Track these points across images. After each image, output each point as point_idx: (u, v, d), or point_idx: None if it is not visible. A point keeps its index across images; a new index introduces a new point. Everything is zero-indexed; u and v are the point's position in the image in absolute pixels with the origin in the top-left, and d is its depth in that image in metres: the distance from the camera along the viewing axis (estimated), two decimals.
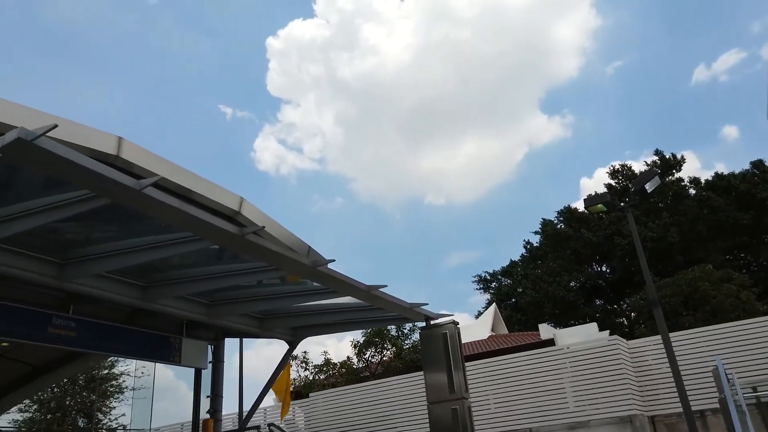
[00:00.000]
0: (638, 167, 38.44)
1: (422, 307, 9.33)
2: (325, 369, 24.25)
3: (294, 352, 12.15)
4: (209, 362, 10.87)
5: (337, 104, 77.02)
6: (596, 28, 73.70)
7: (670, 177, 36.60)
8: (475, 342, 25.83)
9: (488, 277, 44.47)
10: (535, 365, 14.53)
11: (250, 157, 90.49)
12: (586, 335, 18.91)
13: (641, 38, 74.17)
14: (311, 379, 24.57)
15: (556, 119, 76.36)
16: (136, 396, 21.31)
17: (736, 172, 35.97)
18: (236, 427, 13.02)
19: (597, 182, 54.95)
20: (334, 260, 7.14)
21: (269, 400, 18.63)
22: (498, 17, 72.00)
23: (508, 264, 43.56)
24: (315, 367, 24.43)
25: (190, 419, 11.15)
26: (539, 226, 41.14)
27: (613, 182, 38.80)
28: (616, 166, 39.23)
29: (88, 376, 23.10)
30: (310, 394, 18.64)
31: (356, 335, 26.15)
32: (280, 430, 14.62)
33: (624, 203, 12.20)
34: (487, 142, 74.92)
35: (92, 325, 8.62)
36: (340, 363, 24.31)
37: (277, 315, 10.58)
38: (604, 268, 39.29)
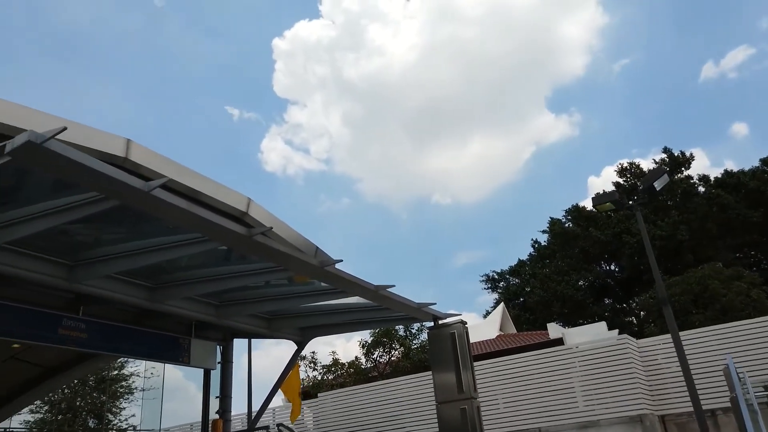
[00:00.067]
0: (647, 165, 38.31)
1: (430, 306, 9.31)
2: (333, 369, 24.26)
3: (302, 353, 12.16)
4: (218, 363, 10.91)
5: (344, 105, 77.17)
6: (603, 26, 73.38)
7: (679, 175, 36.39)
8: (483, 342, 25.77)
9: (496, 277, 44.39)
10: (544, 365, 14.47)
11: (257, 158, 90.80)
12: (595, 334, 18.81)
13: (648, 35, 73.80)
14: (320, 379, 24.60)
15: (563, 118, 76.14)
16: (146, 397, 21.43)
17: (746, 169, 35.75)
18: (245, 428, 13.06)
19: (605, 181, 54.58)
20: (341, 260, 7.14)
21: (278, 400, 18.69)
22: (504, 16, 71.88)
23: (516, 263, 43.46)
24: (323, 367, 24.44)
25: (200, 420, 11.20)
26: (547, 225, 41.02)
27: (621, 180, 38.62)
28: (624, 165, 39.07)
29: (98, 377, 23.25)
30: (318, 395, 18.67)
31: (364, 335, 26.17)
32: (289, 430, 14.65)
33: (632, 201, 12.13)
34: (493, 142, 74.81)
35: (102, 327, 8.67)
36: (349, 363, 24.31)
37: (286, 315, 10.60)
38: (612, 267, 39.12)
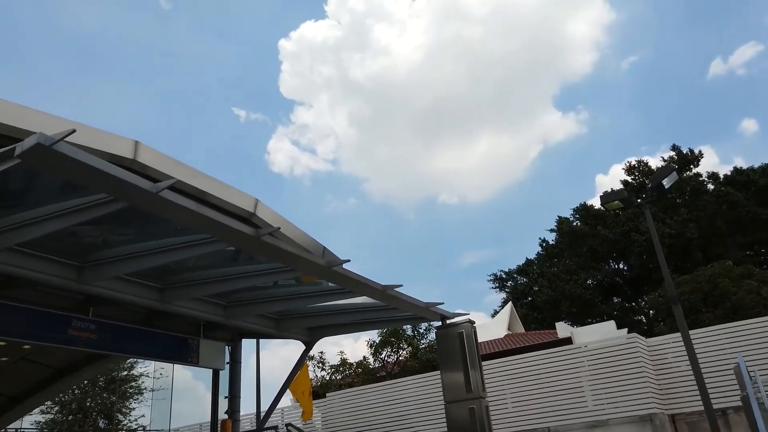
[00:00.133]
0: (655, 163, 38.07)
1: (438, 306, 9.30)
2: (341, 369, 24.28)
3: (310, 353, 12.18)
4: (226, 363, 10.95)
5: (350, 105, 77.22)
6: (610, 23, 73.00)
7: (688, 172, 36.14)
8: (491, 341, 25.71)
9: (504, 276, 44.27)
10: (553, 364, 14.42)
11: (264, 159, 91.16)
12: (604, 333, 18.71)
13: (656, 32, 73.35)
14: (328, 379, 24.63)
15: (570, 116, 75.86)
16: (155, 397, 21.57)
17: (756, 166, 35.44)
18: (254, 428, 13.10)
19: (613, 179, 54.32)
20: (349, 260, 7.15)
21: (286, 400, 18.74)
22: (510, 14, 71.67)
23: (523, 262, 43.35)
24: (331, 367, 24.47)
25: (209, 420, 11.25)
26: (555, 224, 40.85)
27: (629, 178, 38.40)
28: (633, 162, 38.84)
29: (108, 378, 23.40)
30: (327, 394, 18.69)
31: (372, 335, 26.18)
32: (298, 430, 14.68)
33: (641, 199, 12.06)
34: (500, 141, 74.63)
35: (111, 327, 8.73)
36: (357, 363, 24.34)
37: (293, 315, 10.62)
38: (621, 266, 38.90)
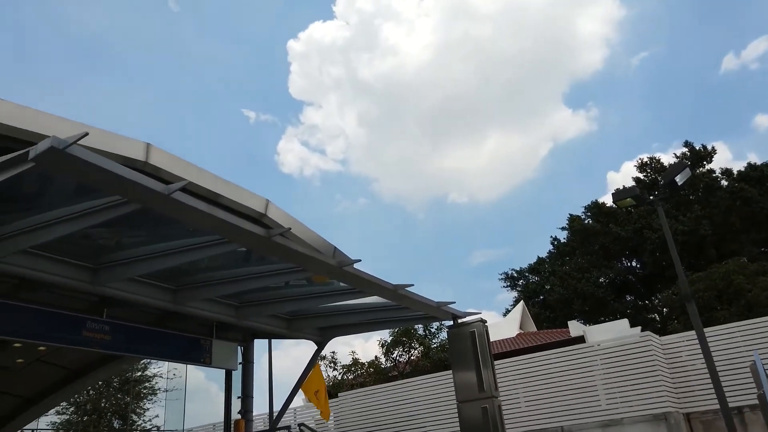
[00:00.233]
0: (667, 160, 37.72)
1: (449, 305, 9.29)
2: (353, 369, 24.31)
3: (322, 353, 12.20)
4: (239, 363, 11.00)
5: (359, 105, 77.31)
6: (621, 19, 72.50)
7: (701, 169, 35.78)
8: (503, 340, 25.61)
9: (515, 275, 44.06)
10: (566, 363, 14.33)
11: (274, 160, 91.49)
12: (617, 332, 18.58)
13: (667, 27, 72.75)
14: (339, 379, 24.67)
15: (581, 113, 75.42)
16: (169, 397, 21.71)
17: None
18: (267, 428, 13.15)
19: (624, 176, 53.93)
20: (360, 260, 7.16)
21: (299, 400, 18.79)
22: (519, 12, 71.38)
23: (535, 261, 43.09)
24: (343, 367, 24.51)
25: (222, 420, 11.31)
26: (566, 222, 40.59)
27: (641, 175, 38.08)
28: (645, 159, 38.51)
29: (122, 379, 23.59)
30: (339, 394, 18.72)
31: (383, 335, 26.19)
32: (311, 430, 14.69)
33: (654, 196, 11.95)
34: (510, 139, 74.36)
35: (125, 329, 8.79)
36: (368, 363, 24.35)
37: (305, 316, 10.64)
38: (634, 263, 38.56)
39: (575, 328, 23.08)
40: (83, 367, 12.17)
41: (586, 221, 39.19)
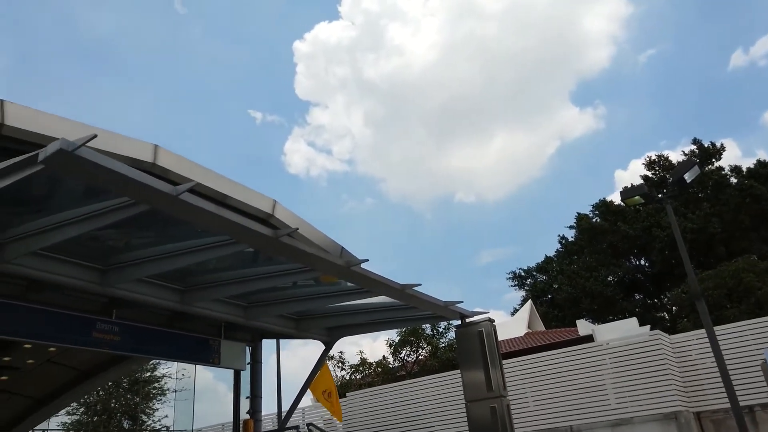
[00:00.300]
0: (675, 157, 37.47)
1: (457, 305, 9.27)
2: (361, 369, 24.32)
3: (330, 352, 12.21)
4: (247, 363, 11.03)
5: (365, 105, 77.35)
6: (627, 16, 72.13)
7: (710, 166, 35.50)
8: (511, 339, 25.53)
9: (523, 274, 43.94)
10: (575, 362, 14.27)
11: (281, 161, 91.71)
12: (626, 330, 18.47)
13: (674, 24, 72.29)
14: (347, 378, 24.68)
15: (588, 111, 75.13)
16: (178, 398, 21.78)
17: None
18: (275, 427, 13.18)
19: (632, 174, 53.62)
20: (367, 260, 7.16)
21: (307, 400, 18.81)
22: (524, 11, 71.17)
23: (543, 260, 42.94)
24: (351, 366, 24.53)
25: (231, 420, 11.35)
26: (574, 220, 40.43)
27: (649, 173, 37.86)
28: (653, 157, 38.27)
29: (131, 379, 23.73)
30: (347, 394, 18.74)
31: (391, 334, 26.19)
32: (319, 429, 14.71)
33: (662, 194, 11.88)
34: (517, 138, 74.16)
35: (134, 329, 8.84)
36: (376, 362, 24.36)
37: (313, 316, 10.66)
38: (642, 262, 38.35)
39: (584, 327, 22.98)
40: (93, 367, 12.24)
41: (594, 220, 39.02)
